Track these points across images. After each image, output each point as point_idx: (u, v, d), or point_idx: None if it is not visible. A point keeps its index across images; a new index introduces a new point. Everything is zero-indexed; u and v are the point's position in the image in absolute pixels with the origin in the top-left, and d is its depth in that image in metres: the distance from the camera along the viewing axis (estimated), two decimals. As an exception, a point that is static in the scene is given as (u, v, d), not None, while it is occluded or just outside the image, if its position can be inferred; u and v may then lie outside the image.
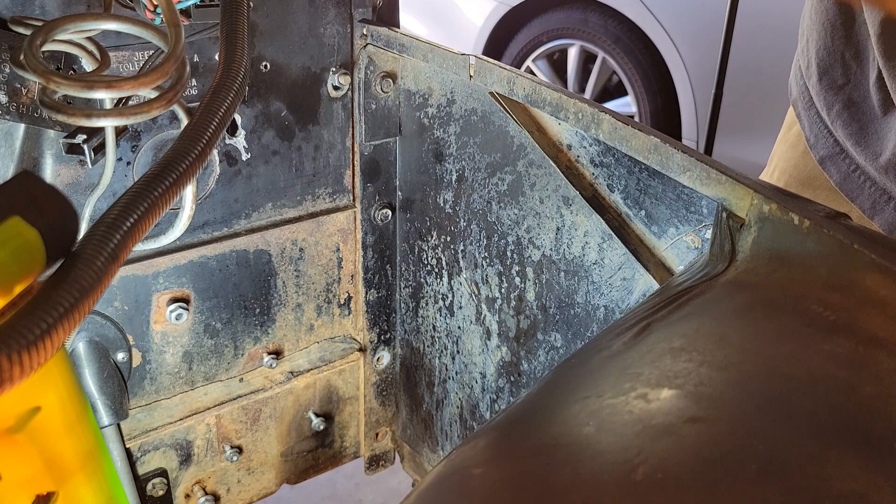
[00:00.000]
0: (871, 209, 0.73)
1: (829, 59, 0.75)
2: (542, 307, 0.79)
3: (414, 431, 1.06)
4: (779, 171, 0.87)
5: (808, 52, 0.79)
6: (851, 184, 0.75)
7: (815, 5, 0.77)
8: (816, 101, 0.78)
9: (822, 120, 0.78)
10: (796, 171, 0.84)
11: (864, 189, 0.74)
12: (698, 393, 0.38)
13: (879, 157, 0.71)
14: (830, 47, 0.75)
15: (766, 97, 2.32)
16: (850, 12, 0.72)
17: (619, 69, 2.65)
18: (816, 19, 0.76)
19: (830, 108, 0.75)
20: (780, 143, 0.90)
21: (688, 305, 0.48)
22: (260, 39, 0.78)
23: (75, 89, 0.49)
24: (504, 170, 0.78)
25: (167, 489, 0.90)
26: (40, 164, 0.70)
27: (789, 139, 0.87)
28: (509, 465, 0.38)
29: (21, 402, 0.43)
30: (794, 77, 0.85)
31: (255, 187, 0.83)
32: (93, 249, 0.36)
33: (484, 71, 0.73)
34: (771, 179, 0.88)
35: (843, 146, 0.76)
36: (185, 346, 0.86)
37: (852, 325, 0.41)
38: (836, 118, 0.75)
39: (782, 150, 0.88)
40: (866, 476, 0.32)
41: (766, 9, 2.24)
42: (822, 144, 0.78)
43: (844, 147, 0.76)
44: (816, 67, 0.77)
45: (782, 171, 0.87)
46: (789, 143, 0.86)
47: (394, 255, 0.98)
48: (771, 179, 0.88)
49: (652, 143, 0.59)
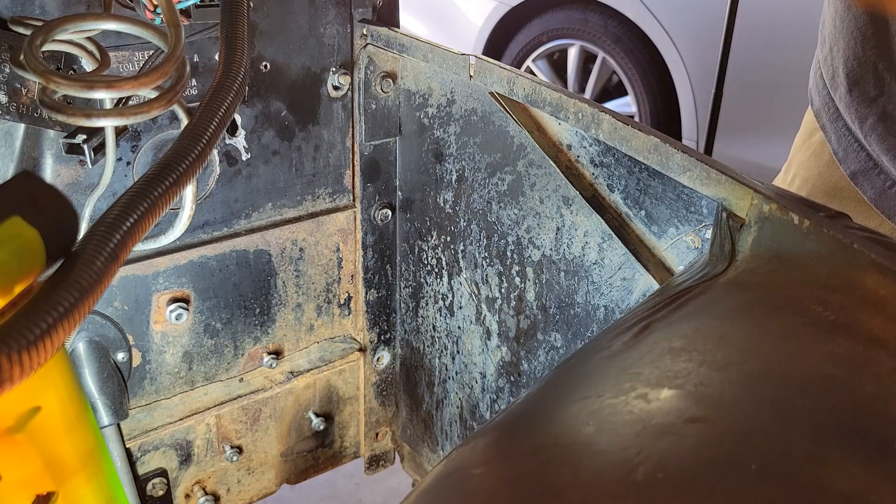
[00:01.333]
0: None
1: (861, 69, 0.71)
2: (542, 307, 0.79)
3: (414, 431, 1.06)
4: (800, 179, 0.83)
5: (832, 62, 0.75)
6: (888, 200, 0.72)
7: (842, 13, 0.73)
8: (846, 113, 0.74)
9: (851, 133, 0.74)
10: (821, 181, 0.80)
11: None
12: (698, 393, 0.38)
13: None
14: (861, 57, 0.71)
15: (766, 97, 2.32)
16: (882, 21, 0.69)
17: (619, 69, 2.65)
18: (843, 28, 0.73)
19: (864, 120, 0.72)
20: (799, 151, 0.85)
21: (688, 305, 0.48)
22: (260, 39, 0.78)
23: (75, 89, 0.49)
24: (504, 170, 0.78)
25: (167, 489, 0.90)
26: (40, 164, 0.70)
27: (811, 147, 0.82)
28: (509, 465, 0.38)
29: (21, 402, 0.43)
30: (815, 86, 0.81)
31: (255, 187, 0.83)
32: (93, 249, 0.36)
33: (484, 71, 0.73)
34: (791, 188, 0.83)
35: (877, 161, 0.72)
36: (185, 346, 0.86)
37: (852, 325, 0.41)
38: (870, 131, 0.71)
39: (803, 159, 0.83)
40: (866, 476, 0.32)
41: (766, 8, 2.24)
42: (852, 159, 0.74)
43: (879, 162, 0.72)
44: (846, 78, 0.73)
45: (804, 181, 0.82)
46: (812, 152, 0.82)
47: (394, 255, 0.98)
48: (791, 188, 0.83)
49: (652, 143, 0.59)
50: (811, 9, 2.14)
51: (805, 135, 0.85)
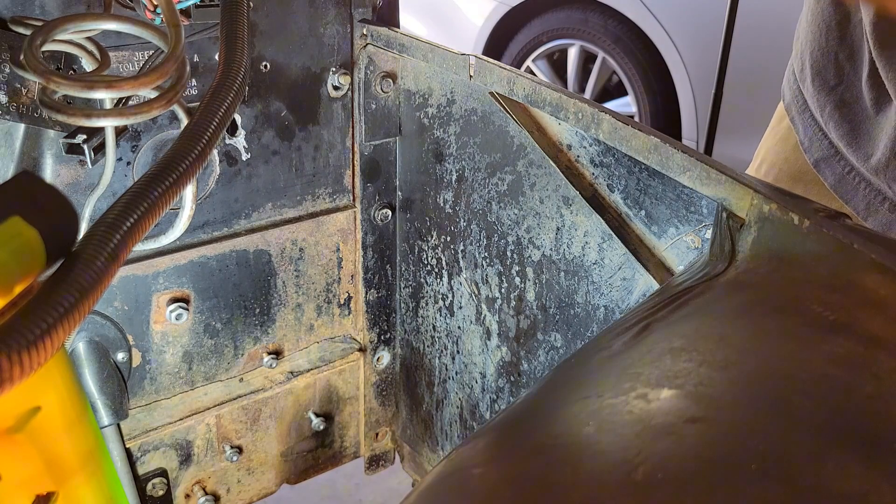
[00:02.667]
0: (866, 210, 0.73)
1: (823, 59, 0.75)
2: (542, 307, 0.79)
3: (414, 431, 1.06)
4: (767, 164, 0.86)
5: (801, 55, 0.79)
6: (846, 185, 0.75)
7: (812, 6, 0.77)
8: (810, 103, 0.78)
9: (815, 122, 0.77)
10: (787, 164, 0.83)
11: (858, 190, 0.74)
12: (698, 393, 0.38)
13: (871, 158, 0.71)
14: (825, 48, 0.74)
15: (766, 97, 2.32)
16: (845, 12, 0.72)
17: (619, 69, 2.65)
18: (812, 21, 0.76)
19: (823, 108, 0.75)
20: (768, 137, 0.88)
21: (688, 305, 0.48)
22: (260, 39, 0.78)
23: (75, 89, 0.49)
24: (504, 170, 0.78)
25: (167, 489, 0.90)
26: (40, 164, 0.70)
27: (779, 132, 0.86)
28: (509, 465, 0.38)
29: (21, 402, 0.43)
30: (787, 82, 0.85)
31: (255, 187, 0.83)
32: (93, 249, 0.36)
33: (484, 71, 0.73)
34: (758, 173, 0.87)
35: (837, 148, 0.75)
36: (185, 346, 0.86)
37: (852, 325, 0.41)
38: (828, 119, 0.75)
39: (771, 144, 0.87)
40: (866, 476, 0.32)
41: (766, 9, 2.24)
42: (816, 147, 0.78)
43: (838, 148, 0.75)
44: (810, 69, 0.76)
45: (771, 165, 0.86)
46: (779, 137, 0.85)
47: (394, 255, 0.98)
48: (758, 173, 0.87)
49: (652, 143, 0.59)
50: (811, 9, 2.14)
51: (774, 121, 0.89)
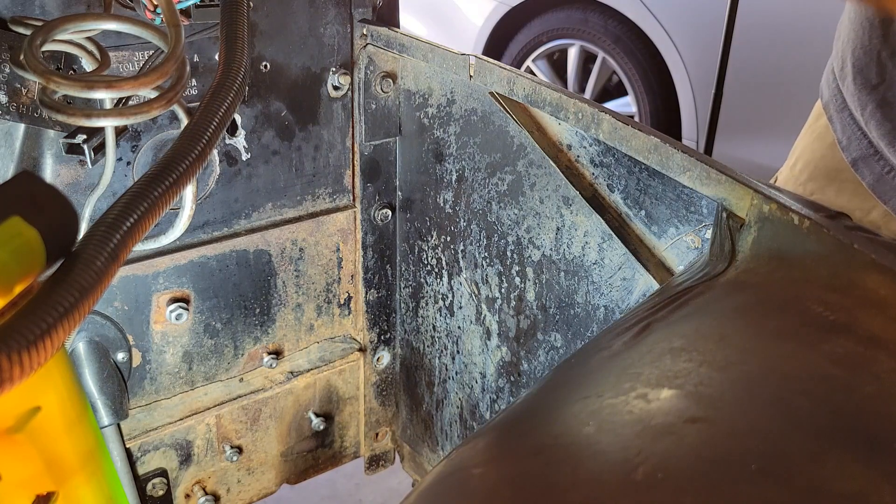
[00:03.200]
0: None
1: (865, 58, 0.74)
2: (542, 307, 0.79)
3: (414, 431, 1.06)
4: (802, 162, 0.85)
5: (842, 53, 0.78)
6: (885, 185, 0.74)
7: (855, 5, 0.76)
8: (850, 101, 0.77)
9: (855, 121, 0.77)
10: (822, 162, 0.82)
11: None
12: (698, 393, 0.38)
13: None
14: (867, 46, 0.74)
15: (766, 97, 2.32)
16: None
17: (619, 69, 2.65)
18: (855, 19, 0.76)
19: (864, 107, 0.74)
20: (804, 135, 0.87)
21: (688, 305, 0.48)
22: (260, 39, 0.78)
23: (75, 89, 0.49)
24: (504, 170, 0.78)
25: (167, 489, 0.90)
26: (40, 164, 0.70)
27: (816, 130, 0.85)
28: (509, 465, 0.38)
29: (21, 402, 0.43)
30: (826, 81, 0.84)
31: (255, 187, 0.83)
32: (93, 249, 0.36)
33: (484, 71, 0.73)
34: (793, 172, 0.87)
35: (876, 147, 0.75)
36: (185, 346, 0.86)
37: (852, 325, 0.41)
38: (869, 118, 0.74)
39: (807, 142, 0.86)
40: (866, 476, 0.32)
41: (766, 9, 2.24)
42: (854, 146, 0.77)
43: (878, 148, 0.75)
44: (852, 67, 0.76)
45: (807, 163, 0.85)
46: (816, 135, 0.85)
47: (394, 255, 0.98)
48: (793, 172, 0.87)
49: (652, 143, 0.59)
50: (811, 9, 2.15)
51: (812, 119, 0.88)
